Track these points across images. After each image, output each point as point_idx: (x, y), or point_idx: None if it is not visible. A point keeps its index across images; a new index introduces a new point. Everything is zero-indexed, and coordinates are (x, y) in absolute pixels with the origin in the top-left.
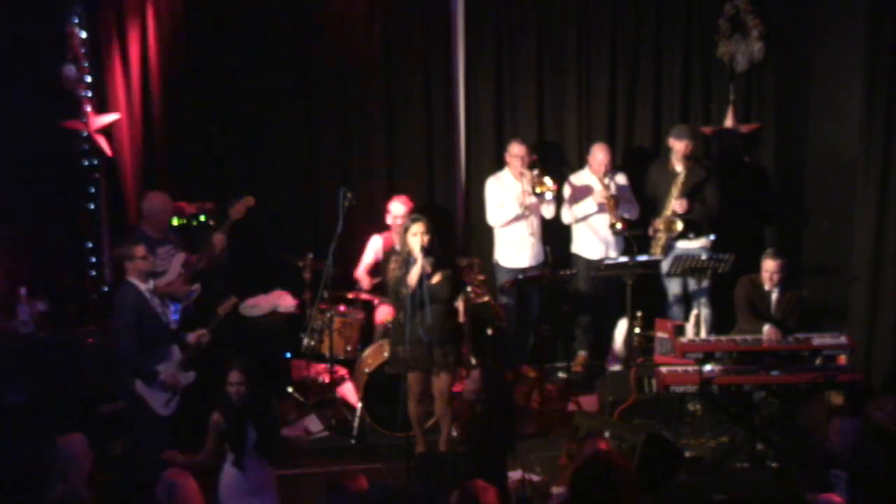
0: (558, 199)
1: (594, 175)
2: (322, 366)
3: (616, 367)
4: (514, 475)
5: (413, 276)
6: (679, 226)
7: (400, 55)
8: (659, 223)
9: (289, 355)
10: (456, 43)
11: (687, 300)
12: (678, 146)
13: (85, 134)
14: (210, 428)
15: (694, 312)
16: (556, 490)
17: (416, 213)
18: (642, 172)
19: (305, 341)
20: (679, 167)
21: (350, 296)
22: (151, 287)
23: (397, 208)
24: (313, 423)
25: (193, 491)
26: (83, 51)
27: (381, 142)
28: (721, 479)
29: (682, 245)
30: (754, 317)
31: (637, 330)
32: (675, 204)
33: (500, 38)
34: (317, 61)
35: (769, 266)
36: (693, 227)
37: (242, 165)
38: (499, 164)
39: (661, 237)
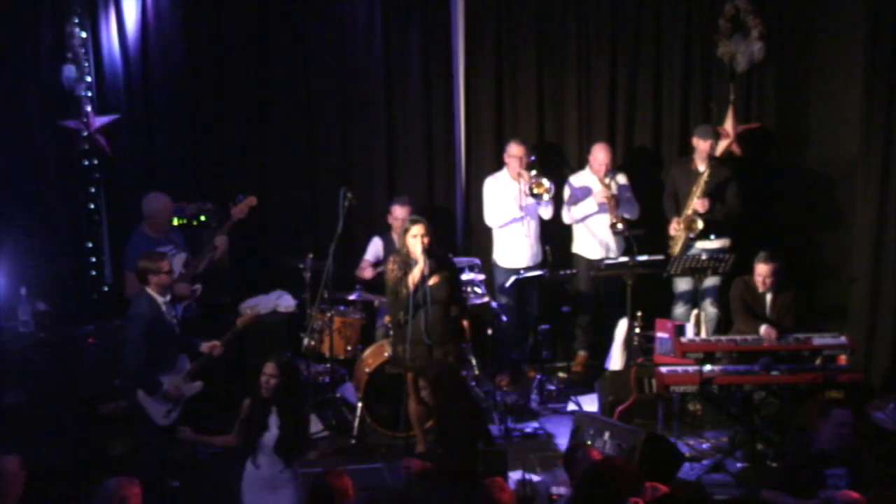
0: (558, 200)
1: (594, 175)
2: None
3: (616, 367)
4: (515, 475)
5: (413, 278)
6: (700, 225)
7: (400, 55)
8: (679, 222)
9: (289, 355)
10: (456, 43)
11: (696, 299)
12: (703, 145)
13: (85, 134)
14: (241, 411)
15: (695, 312)
16: (556, 490)
17: (416, 215)
18: (642, 172)
19: (305, 341)
20: (702, 167)
21: (350, 297)
22: (168, 300)
23: (399, 211)
24: (313, 424)
25: (136, 499)
26: (83, 51)
27: (381, 142)
28: (721, 479)
29: (701, 245)
30: (750, 318)
31: (637, 330)
32: (697, 203)
33: (500, 38)
34: (317, 61)
35: (762, 270)
36: (713, 228)
37: (242, 165)
38: (498, 164)
39: (681, 236)
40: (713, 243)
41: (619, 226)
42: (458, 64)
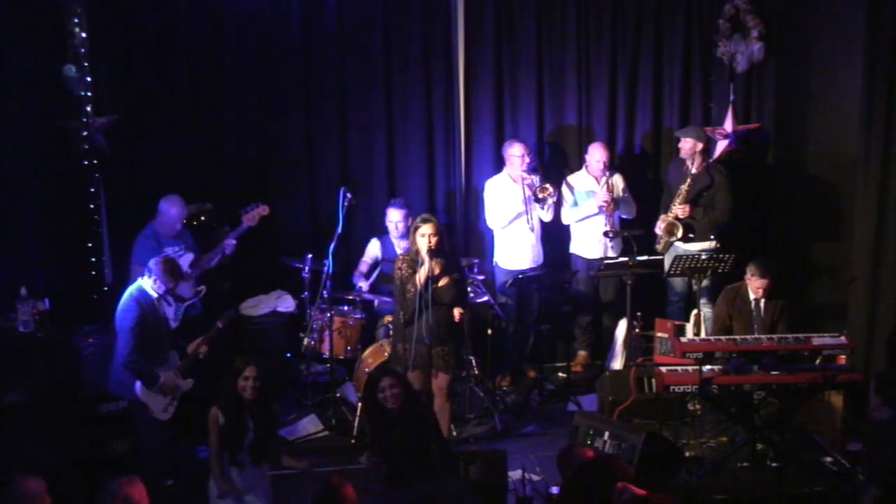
0: (558, 201)
1: (592, 176)
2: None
3: (616, 367)
4: (515, 475)
5: (420, 277)
6: (679, 231)
7: (400, 55)
8: (660, 225)
9: (289, 355)
10: (456, 43)
11: (690, 300)
12: (682, 144)
13: (85, 134)
14: (210, 424)
15: (694, 312)
16: (555, 490)
17: (427, 214)
18: (641, 172)
19: (305, 341)
20: (694, 168)
21: (350, 296)
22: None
23: (393, 213)
24: (313, 424)
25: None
26: (83, 51)
27: (381, 142)
28: (721, 479)
29: (683, 246)
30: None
31: (637, 330)
32: (678, 209)
33: (500, 38)
34: (317, 61)
35: (759, 284)
36: (694, 231)
37: (243, 165)
38: (499, 164)
39: (662, 239)
40: (694, 245)
41: (611, 234)
42: (458, 64)
